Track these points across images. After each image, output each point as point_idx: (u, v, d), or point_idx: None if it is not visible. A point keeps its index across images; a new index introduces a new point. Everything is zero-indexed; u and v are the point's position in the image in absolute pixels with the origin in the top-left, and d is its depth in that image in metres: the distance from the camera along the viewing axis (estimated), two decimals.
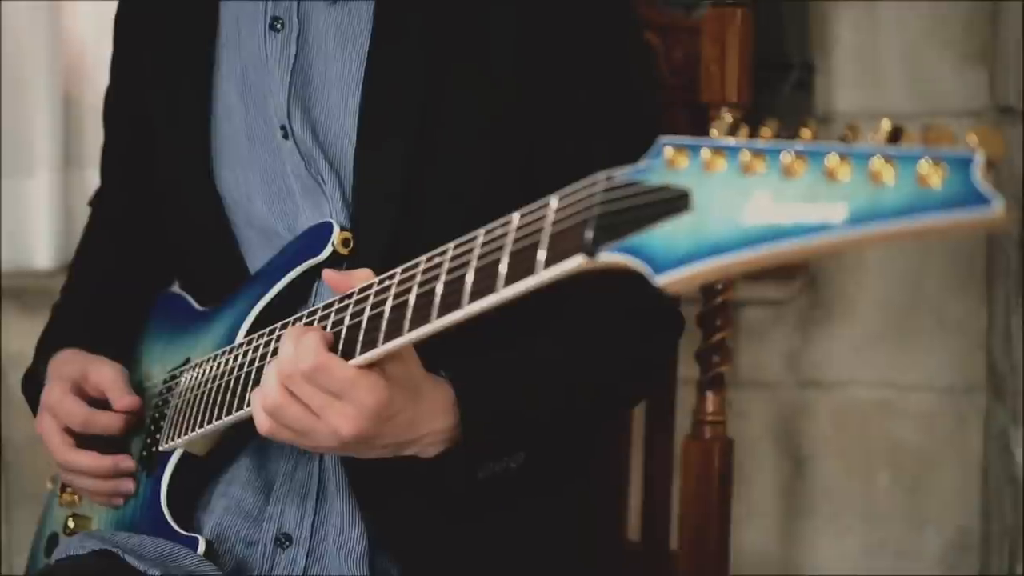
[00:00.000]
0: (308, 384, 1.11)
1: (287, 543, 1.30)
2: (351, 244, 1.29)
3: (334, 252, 1.29)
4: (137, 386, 1.46)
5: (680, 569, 1.58)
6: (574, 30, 1.30)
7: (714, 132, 0.91)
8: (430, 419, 1.17)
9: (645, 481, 1.63)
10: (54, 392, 1.36)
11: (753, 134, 0.91)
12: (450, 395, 1.19)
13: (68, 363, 1.40)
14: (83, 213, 2.07)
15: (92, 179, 2.08)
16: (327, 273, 1.19)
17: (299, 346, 1.10)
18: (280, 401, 1.12)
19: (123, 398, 1.34)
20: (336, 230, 1.29)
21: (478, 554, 1.30)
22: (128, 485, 1.37)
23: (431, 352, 1.16)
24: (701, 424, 1.58)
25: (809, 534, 2.09)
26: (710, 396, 1.57)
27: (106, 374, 1.36)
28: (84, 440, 1.38)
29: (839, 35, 1.92)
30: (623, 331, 1.33)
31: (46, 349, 1.48)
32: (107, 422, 1.35)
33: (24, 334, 2.17)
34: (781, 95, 1.89)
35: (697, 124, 1.57)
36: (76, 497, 1.46)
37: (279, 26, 1.35)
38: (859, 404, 2.04)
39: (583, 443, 1.43)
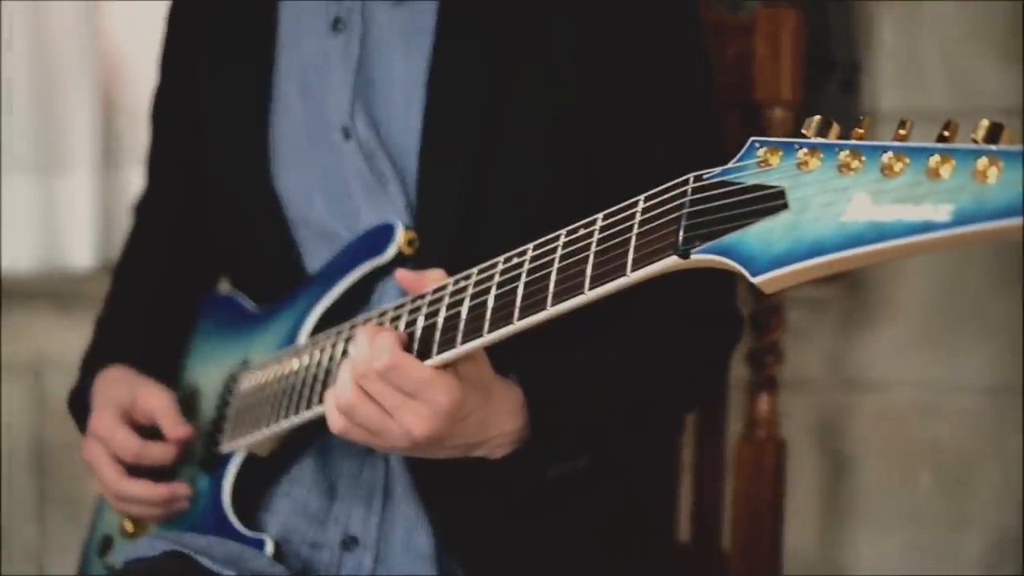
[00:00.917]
0: (382, 383, 1.10)
1: (353, 545, 1.30)
2: (416, 244, 1.29)
3: (399, 252, 1.29)
4: (190, 387, 1.46)
5: (733, 570, 1.58)
6: (636, 30, 1.30)
7: (804, 132, 0.91)
8: (500, 421, 1.17)
9: (696, 482, 1.63)
10: (104, 420, 1.36)
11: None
12: (519, 397, 1.19)
13: (116, 386, 1.39)
14: (121, 213, 2.09)
15: (130, 179, 2.09)
16: (401, 273, 1.18)
17: (374, 345, 1.10)
18: (354, 400, 1.11)
19: (176, 428, 1.33)
20: (401, 230, 1.29)
21: (541, 555, 1.29)
22: (183, 506, 1.36)
23: (495, 353, 1.16)
24: (754, 425, 1.58)
25: (850, 535, 2.08)
26: (763, 397, 1.57)
27: (155, 401, 1.35)
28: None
29: (881, 34, 1.92)
30: (683, 332, 1.33)
31: (92, 365, 1.47)
32: (160, 454, 1.35)
33: (61, 335, 2.17)
34: (826, 94, 1.89)
35: (748, 123, 1.57)
36: None
37: (341, 26, 1.34)
38: (900, 405, 2.04)
39: (642, 443, 1.43)
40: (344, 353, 1.22)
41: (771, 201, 0.87)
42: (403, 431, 1.11)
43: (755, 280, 0.86)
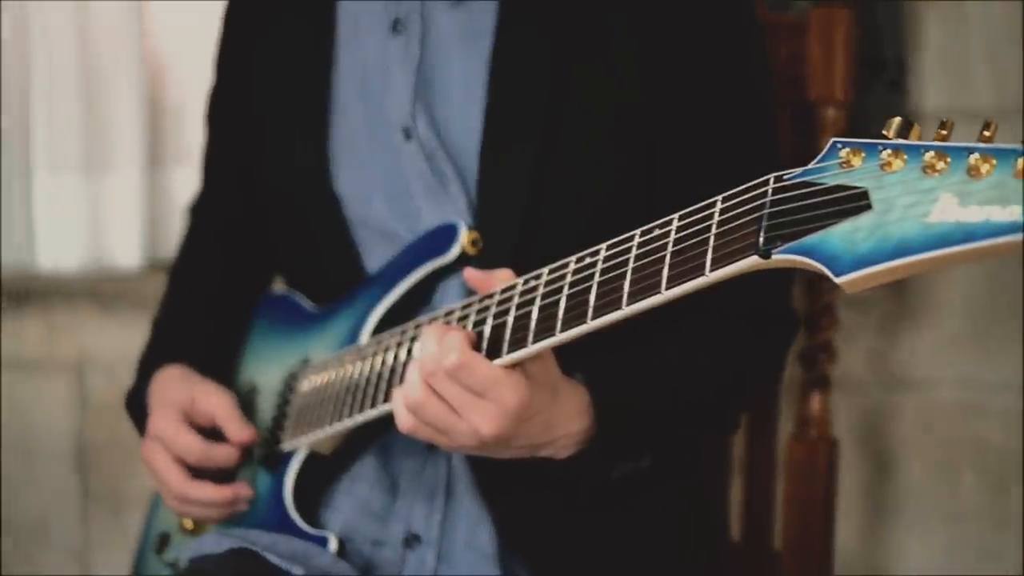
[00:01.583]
0: (451, 382, 1.11)
1: (416, 543, 1.30)
2: (479, 244, 1.29)
3: (462, 252, 1.29)
4: (248, 386, 1.47)
5: (785, 569, 1.58)
6: (695, 30, 1.30)
7: (885, 133, 0.91)
8: (566, 421, 1.17)
9: (747, 481, 1.63)
10: (166, 422, 1.36)
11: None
12: (585, 398, 1.19)
13: (174, 387, 1.40)
14: (166, 212, 2.09)
15: (174, 178, 2.10)
16: (470, 271, 1.19)
17: (443, 344, 1.11)
18: (422, 398, 1.12)
19: (241, 432, 1.34)
20: (464, 230, 1.29)
21: (603, 555, 1.30)
22: (242, 507, 1.37)
23: (558, 354, 1.16)
24: (806, 424, 1.58)
25: (892, 534, 2.08)
26: (815, 396, 1.58)
27: (216, 402, 1.36)
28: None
29: (927, 33, 1.92)
30: (742, 333, 1.33)
31: (149, 366, 1.48)
32: (225, 456, 1.35)
33: (104, 334, 2.18)
34: (874, 94, 1.88)
35: (800, 122, 1.57)
36: None
37: (401, 27, 1.34)
38: (944, 404, 2.03)
39: (701, 443, 1.43)
40: (409, 352, 1.22)
41: (854, 202, 0.87)
42: (471, 430, 1.12)
43: (839, 280, 0.86)
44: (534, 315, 1.09)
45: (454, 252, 1.29)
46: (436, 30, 1.33)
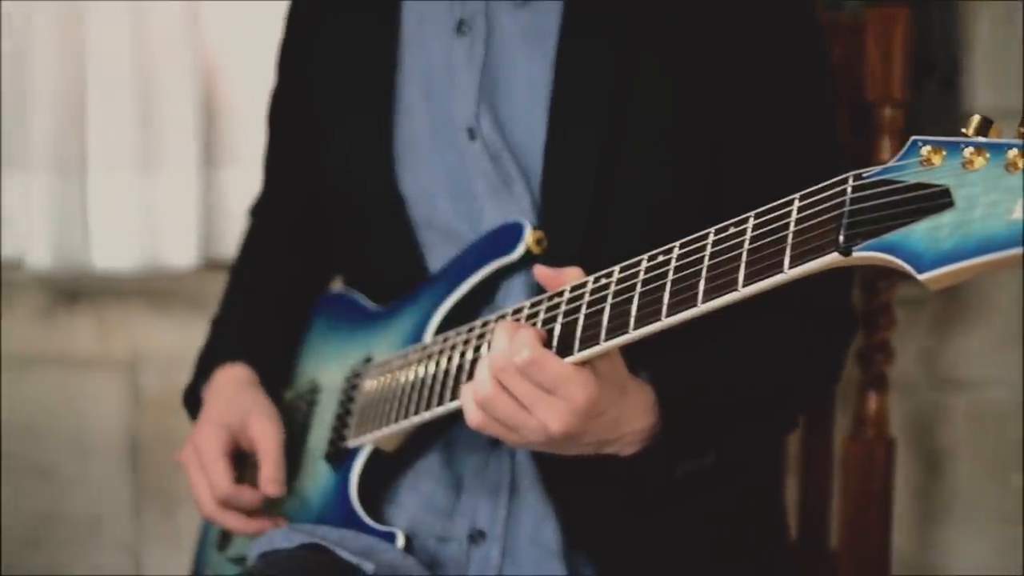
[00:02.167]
0: (521, 378, 1.12)
1: (480, 539, 1.31)
2: (544, 244, 1.30)
3: (527, 251, 1.30)
4: (310, 383, 1.48)
5: (842, 568, 1.58)
6: (759, 30, 1.31)
7: (965, 131, 0.91)
8: (633, 419, 1.18)
9: (803, 480, 1.64)
10: (209, 442, 1.39)
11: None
12: (651, 396, 1.20)
13: (229, 401, 1.42)
14: (220, 212, 2.11)
15: (228, 178, 2.11)
16: (540, 269, 1.19)
17: (514, 341, 1.11)
18: (492, 394, 1.13)
19: (272, 484, 1.36)
20: (529, 230, 1.30)
21: (667, 552, 1.31)
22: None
23: (623, 352, 1.17)
24: (863, 423, 1.58)
25: (943, 534, 2.08)
26: (872, 396, 1.58)
27: (265, 440, 1.37)
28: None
29: (980, 32, 1.92)
30: (804, 331, 1.34)
31: (207, 363, 1.49)
32: (248, 501, 1.38)
33: (157, 332, 2.20)
34: (926, 93, 1.88)
35: (857, 122, 1.57)
36: None
37: (465, 28, 1.35)
38: (995, 404, 2.03)
39: (762, 441, 1.44)
40: (477, 351, 1.23)
41: (936, 200, 0.88)
42: (540, 426, 1.13)
43: (921, 277, 0.87)
44: (606, 313, 1.10)
45: (519, 251, 1.30)
46: (500, 30, 1.34)
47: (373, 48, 1.41)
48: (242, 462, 1.43)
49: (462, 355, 1.25)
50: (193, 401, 1.52)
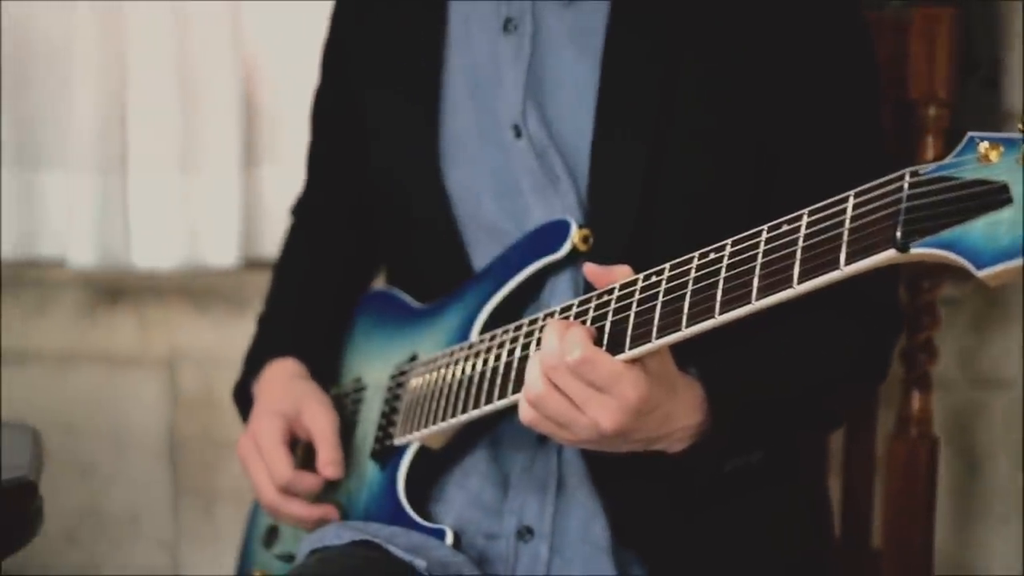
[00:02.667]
0: (573, 377, 1.12)
1: (529, 536, 1.32)
2: (590, 241, 1.30)
3: (573, 249, 1.31)
4: (355, 381, 1.49)
5: (886, 568, 1.58)
6: (807, 30, 1.31)
7: (1021, 128, 0.92)
8: (683, 415, 1.19)
9: (845, 479, 1.64)
10: (267, 432, 1.39)
11: None
12: (700, 392, 1.20)
13: (283, 390, 1.42)
14: (261, 212, 2.12)
15: (269, 179, 2.13)
16: (589, 266, 1.20)
17: (565, 340, 1.12)
18: (544, 393, 1.13)
19: (330, 466, 1.36)
20: (575, 227, 1.31)
21: (715, 548, 1.31)
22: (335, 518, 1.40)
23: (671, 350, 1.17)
24: (906, 423, 1.58)
25: (981, 533, 2.07)
26: (916, 395, 1.58)
27: (320, 424, 1.38)
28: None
29: (1021, 32, 1.91)
30: (851, 330, 1.34)
31: (256, 360, 1.50)
32: (308, 486, 1.38)
33: (196, 331, 2.22)
34: (968, 92, 1.88)
35: (901, 121, 1.57)
36: None
37: (512, 27, 1.36)
38: None
39: (806, 439, 1.44)
40: (525, 348, 1.24)
41: (994, 196, 0.88)
42: (591, 423, 1.13)
43: (980, 274, 0.87)
44: (657, 310, 1.10)
45: (566, 248, 1.31)
46: (547, 29, 1.35)
47: (419, 46, 1.41)
48: (295, 454, 1.43)
49: (510, 352, 1.25)
50: (243, 398, 1.52)
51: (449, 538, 1.29)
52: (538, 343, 1.21)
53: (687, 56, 1.30)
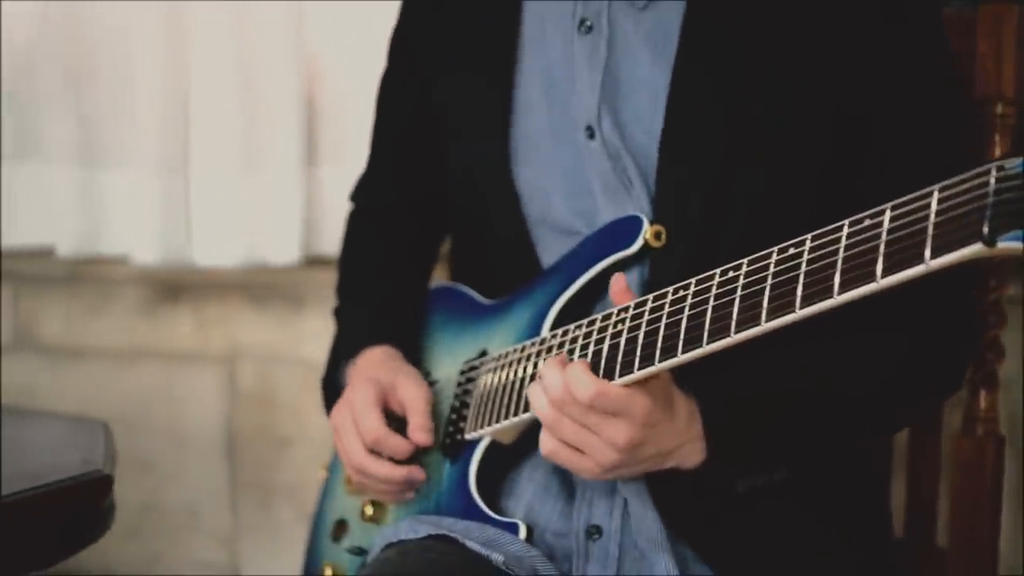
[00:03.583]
0: (586, 410, 1.19)
1: (596, 533, 1.33)
2: (663, 238, 1.31)
3: (645, 245, 1.31)
4: (426, 375, 1.50)
5: (951, 566, 1.58)
6: (885, 32, 1.30)
7: None
8: (685, 427, 1.23)
9: (910, 478, 1.63)
10: (362, 396, 1.40)
11: None
12: (694, 405, 1.24)
13: (380, 365, 1.44)
14: (321, 211, 2.14)
15: (329, 177, 2.14)
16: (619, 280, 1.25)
17: (570, 376, 1.18)
18: (555, 419, 1.21)
19: (419, 432, 1.38)
20: (646, 223, 1.31)
21: (770, 542, 1.31)
22: (411, 495, 1.41)
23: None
24: (973, 421, 1.57)
25: None
26: (983, 394, 1.57)
27: (413, 395, 1.39)
28: None
29: None
30: (900, 344, 1.32)
31: (346, 351, 1.51)
32: (395, 447, 1.39)
33: (254, 327, 2.24)
34: None
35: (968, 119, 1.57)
36: None
37: (587, 28, 1.37)
38: None
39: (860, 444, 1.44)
40: (598, 343, 1.24)
41: None
42: (608, 441, 1.19)
43: None
44: (736, 305, 1.11)
45: (638, 244, 1.31)
46: (623, 32, 1.36)
47: (494, 44, 1.42)
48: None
49: (583, 348, 1.26)
50: (330, 390, 1.53)
51: (523, 532, 1.30)
52: (612, 338, 1.22)
53: (763, 62, 1.31)
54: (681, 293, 1.18)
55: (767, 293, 1.08)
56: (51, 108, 2.12)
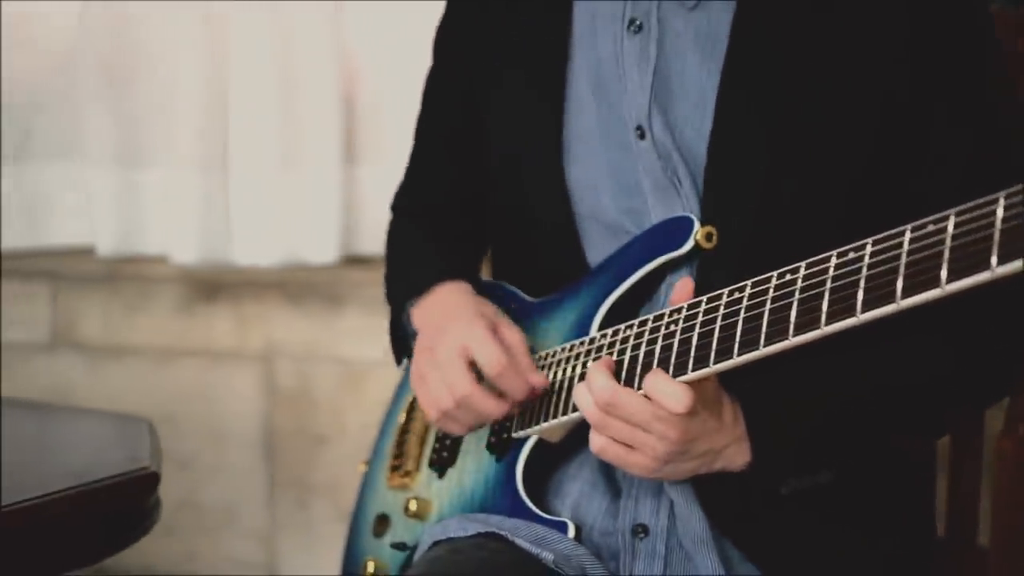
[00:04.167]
0: (637, 405, 1.21)
1: (643, 533, 1.34)
2: (713, 239, 1.32)
3: (695, 246, 1.32)
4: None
5: (993, 566, 1.58)
6: (937, 38, 1.30)
7: None
8: (732, 428, 1.24)
9: (951, 477, 1.64)
10: (474, 329, 1.35)
11: None
12: (738, 408, 1.25)
13: (474, 300, 1.41)
14: (360, 210, 2.16)
15: (368, 176, 2.16)
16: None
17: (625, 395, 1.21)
18: (602, 419, 1.22)
19: (535, 375, 1.34)
20: (697, 224, 1.32)
21: (812, 539, 1.32)
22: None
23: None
24: (1015, 421, 1.58)
25: None
26: None
27: (517, 336, 1.36)
28: None
29: None
30: (940, 344, 1.32)
31: (412, 292, 1.48)
32: (516, 385, 1.33)
33: (292, 325, 2.26)
34: None
35: None
36: (408, 480, 1.50)
37: (637, 28, 1.37)
38: None
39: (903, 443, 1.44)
40: (650, 344, 1.25)
41: None
42: (658, 436, 1.20)
43: None
44: (794, 309, 1.12)
45: (688, 245, 1.32)
46: (672, 32, 1.36)
47: (545, 41, 1.42)
48: None
49: (635, 348, 1.27)
50: (399, 338, 1.51)
51: (571, 531, 1.31)
52: (664, 338, 1.23)
53: (810, 64, 1.31)
54: (736, 295, 1.18)
55: (826, 297, 1.09)
56: (91, 108, 2.14)
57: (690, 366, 1.20)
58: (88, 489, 1.51)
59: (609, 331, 1.33)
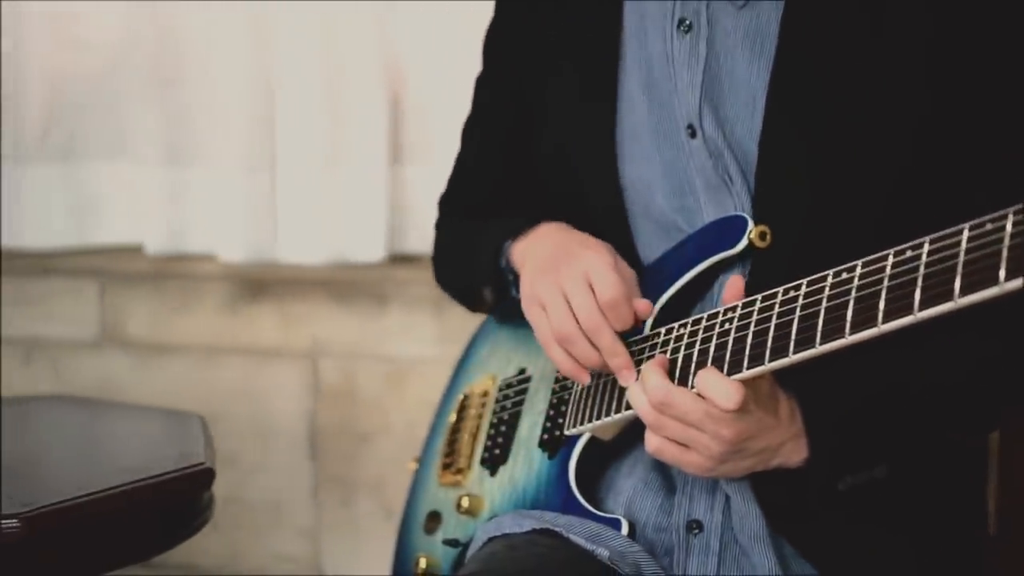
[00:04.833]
0: (693, 403, 1.22)
1: (698, 529, 1.34)
2: (767, 238, 1.32)
3: (749, 245, 1.32)
4: (520, 371, 1.52)
5: None
6: (989, 38, 1.29)
7: None
8: (788, 424, 1.24)
9: (1002, 474, 1.64)
10: (605, 255, 1.36)
11: None
12: (795, 404, 1.25)
13: (590, 238, 1.41)
14: (406, 210, 2.17)
15: (414, 176, 2.17)
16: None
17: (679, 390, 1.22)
18: (658, 420, 1.23)
19: (643, 301, 1.34)
20: (751, 224, 1.33)
21: (865, 537, 1.32)
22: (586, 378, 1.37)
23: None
24: None
25: None
26: None
27: (631, 272, 1.37)
28: None
29: None
30: (993, 341, 1.31)
31: (508, 234, 1.48)
32: (626, 313, 1.33)
33: (337, 323, 2.27)
34: None
35: None
36: (460, 477, 1.51)
37: (686, 27, 1.38)
38: None
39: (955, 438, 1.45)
40: (705, 342, 1.26)
41: None
42: (712, 434, 1.22)
43: None
44: (850, 307, 1.12)
45: (742, 244, 1.33)
46: (722, 31, 1.36)
47: (597, 40, 1.43)
48: None
49: (689, 347, 1.28)
50: (496, 275, 1.50)
51: (625, 528, 1.32)
52: (719, 337, 1.24)
53: (860, 61, 1.31)
54: (792, 294, 1.19)
55: (883, 295, 1.10)
56: (138, 108, 2.16)
57: (745, 364, 1.21)
58: (145, 484, 1.52)
59: (663, 329, 1.33)
